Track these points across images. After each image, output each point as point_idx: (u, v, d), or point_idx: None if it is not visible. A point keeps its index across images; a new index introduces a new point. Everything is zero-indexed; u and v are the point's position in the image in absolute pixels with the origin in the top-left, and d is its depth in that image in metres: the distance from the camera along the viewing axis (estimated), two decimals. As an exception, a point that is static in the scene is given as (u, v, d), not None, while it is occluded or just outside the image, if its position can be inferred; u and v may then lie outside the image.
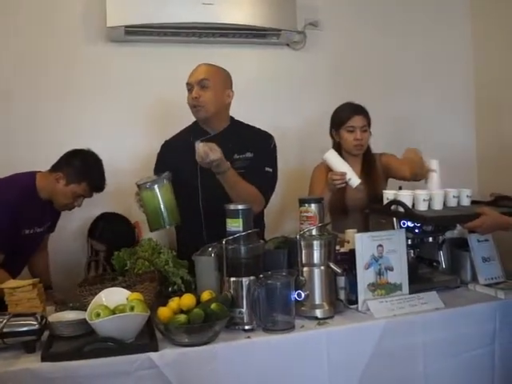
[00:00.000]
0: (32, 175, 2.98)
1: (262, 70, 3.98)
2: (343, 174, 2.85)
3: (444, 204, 2.65)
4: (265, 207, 2.90)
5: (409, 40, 4.27)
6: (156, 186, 2.62)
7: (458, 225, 2.76)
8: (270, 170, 2.87)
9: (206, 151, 2.48)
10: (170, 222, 2.65)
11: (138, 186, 2.65)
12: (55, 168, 3.01)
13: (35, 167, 3.06)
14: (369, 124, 3.14)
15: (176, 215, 2.68)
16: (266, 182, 2.83)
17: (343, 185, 2.87)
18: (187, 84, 2.86)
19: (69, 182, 2.95)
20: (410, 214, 2.52)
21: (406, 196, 2.57)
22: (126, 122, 3.72)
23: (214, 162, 2.51)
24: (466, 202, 2.74)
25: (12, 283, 2.25)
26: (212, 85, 2.82)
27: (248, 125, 3.00)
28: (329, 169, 2.97)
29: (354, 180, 2.86)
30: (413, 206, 2.58)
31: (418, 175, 2.77)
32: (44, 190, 2.96)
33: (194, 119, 2.95)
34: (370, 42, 4.18)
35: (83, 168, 2.99)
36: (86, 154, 3.04)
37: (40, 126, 3.60)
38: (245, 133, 2.92)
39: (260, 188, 2.78)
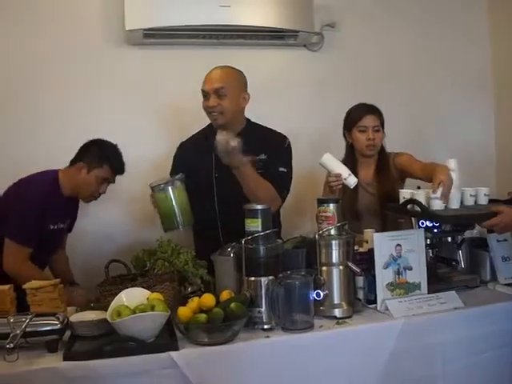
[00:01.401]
0: (54, 172, 3.05)
1: (279, 72, 3.99)
2: (338, 176, 2.81)
3: (461, 203, 2.64)
4: (280, 207, 2.91)
5: (427, 40, 4.26)
6: (169, 188, 2.66)
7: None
8: (285, 170, 2.87)
9: (226, 139, 2.50)
10: (184, 223, 2.68)
11: (152, 187, 2.69)
12: (74, 160, 3.08)
13: (50, 167, 3.10)
14: (382, 124, 3.11)
15: (189, 216, 2.70)
16: (280, 182, 2.83)
17: (339, 186, 2.83)
18: (203, 91, 2.85)
19: (91, 168, 3.02)
20: (426, 213, 2.50)
21: (422, 195, 2.56)
22: (145, 124, 3.75)
23: (235, 150, 2.52)
24: (483, 200, 2.71)
25: (34, 284, 2.27)
26: (229, 92, 2.81)
27: (263, 126, 3.00)
28: None
29: (350, 180, 2.82)
30: (429, 205, 2.57)
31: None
32: (67, 185, 3.03)
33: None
34: (387, 42, 4.18)
35: (102, 152, 3.06)
36: (101, 141, 3.11)
37: (58, 126, 3.64)
38: (259, 135, 2.92)
39: (275, 188, 2.79)
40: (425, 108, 4.25)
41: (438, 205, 2.49)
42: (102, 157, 3.04)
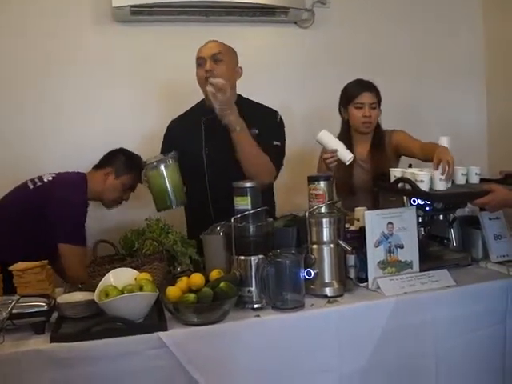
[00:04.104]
0: (84, 175, 3.00)
1: (269, 49, 3.95)
2: (334, 152, 2.80)
3: (453, 182, 2.62)
4: (275, 179, 2.90)
5: (418, 17, 4.21)
6: (162, 166, 2.64)
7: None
8: (278, 143, 2.86)
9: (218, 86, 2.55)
10: (177, 201, 2.66)
11: (144, 165, 2.66)
12: (101, 165, 3.05)
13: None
14: (379, 101, 3.09)
15: (182, 195, 2.68)
16: (274, 155, 2.81)
17: (335, 163, 2.82)
18: (199, 58, 2.82)
19: (118, 174, 3.00)
20: (416, 191, 2.47)
21: (412, 174, 2.54)
22: (133, 100, 3.72)
23: (225, 87, 2.57)
24: (474, 179, 2.69)
25: (21, 265, 2.24)
26: (225, 59, 2.80)
27: (254, 102, 2.98)
28: None
29: (346, 155, 2.81)
30: (433, 185, 2.53)
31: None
32: (93, 189, 2.96)
33: (200, 99, 2.92)
34: (378, 19, 4.13)
35: (129, 160, 3.04)
36: (125, 150, 3.10)
37: (46, 108, 3.61)
38: (251, 110, 2.87)
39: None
40: (417, 86, 4.22)
41: (442, 185, 2.47)
42: (129, 165, 3.02)
